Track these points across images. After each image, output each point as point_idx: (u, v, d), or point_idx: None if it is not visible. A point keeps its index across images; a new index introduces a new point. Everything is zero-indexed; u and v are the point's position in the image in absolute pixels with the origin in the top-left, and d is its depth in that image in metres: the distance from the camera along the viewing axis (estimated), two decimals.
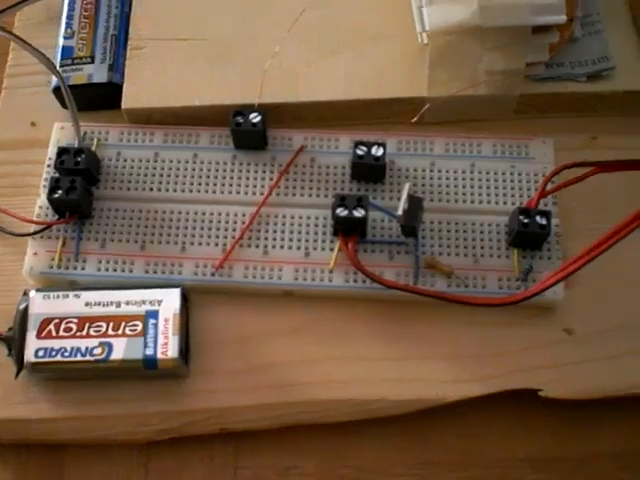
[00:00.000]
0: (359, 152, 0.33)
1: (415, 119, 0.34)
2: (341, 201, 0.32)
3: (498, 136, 0.35)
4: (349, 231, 0.33)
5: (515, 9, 0.32)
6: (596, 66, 0.36)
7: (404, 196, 0.31)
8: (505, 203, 0.34)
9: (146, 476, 0.33)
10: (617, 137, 0.36)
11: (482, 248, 0.33)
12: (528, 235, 0.32)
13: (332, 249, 0.33)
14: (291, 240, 0.34)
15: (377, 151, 0.33)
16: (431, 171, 0.35)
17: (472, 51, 0.33)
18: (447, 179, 0.35)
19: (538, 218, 0.32)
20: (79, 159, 0.34)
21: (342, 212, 0.32)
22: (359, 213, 0.32)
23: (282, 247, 0.33)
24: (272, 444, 0.33)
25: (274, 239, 0.34)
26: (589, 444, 0.33)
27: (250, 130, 0.34)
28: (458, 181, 0.34)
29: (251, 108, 0.34)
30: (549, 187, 0.33)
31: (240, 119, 0.34)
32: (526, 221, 0.32)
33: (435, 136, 0.35)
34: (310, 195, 0.34)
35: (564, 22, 0.32)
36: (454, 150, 0.35)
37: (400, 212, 0.31)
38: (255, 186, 0.35)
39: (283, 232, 0.34)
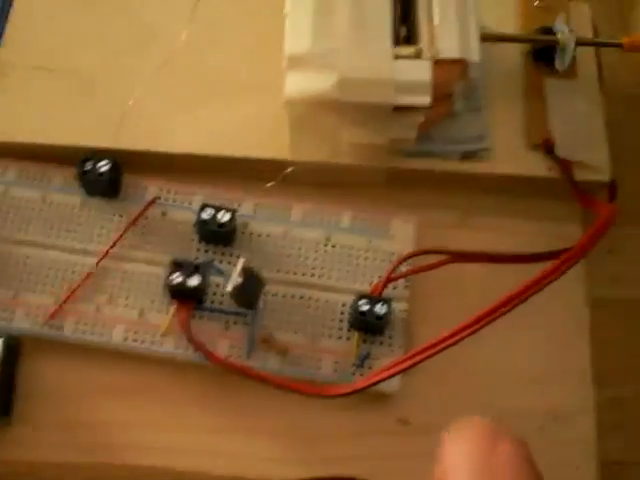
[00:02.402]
0: (204, 216, 0.32)
1: (271, 184, 0.33)
2: (176, 267, 0.31)
3: (360, 209, 0.34)
4: (184, 298, 0.31)
5: (377, 86, 0.30)
6: (471, 145, 0.34)
7: (236, 271, 0.30)
8: (355, 282, 0.33)
9: None
10: (489, 218, 0.35)
11: (323, 327, 0.32)
12: (366, 322, 0.31)
13: (168, 312, 0.32)
14: (127, 298, 0.32)
15: (223, 217, 0.32)
16: (284, 239, 0.33)
17: (332, 123, 0.32)
18: (300, 249, 0.33)
19: (378, 307, 0.31)
20: None
21: (176, 279, 0.31)
22: (194, 282, 0.31)
23: (117, 304, 0.32)
24: None
25: (111, 294, 0.32)
26: None
27: (97, 179, 0.32)
28: (310, 253, 0.33)
29: (105, 153, 0.33)
30: (404, 269, 0.32)
31: (88, 166, 0.33)
32: (364, 309, 0.31)
33: (294, 202, 0.34)
34: (155, 252, 0.33)
35: (427, 104, 0.31)
36: (312, 219, 0.34)
37: (229, 288, 0.30)
38: (100, 235, 0.33)
39: (121, 288, 0.32)
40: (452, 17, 0.32)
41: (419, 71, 0.31)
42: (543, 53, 0.35)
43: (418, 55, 0.31)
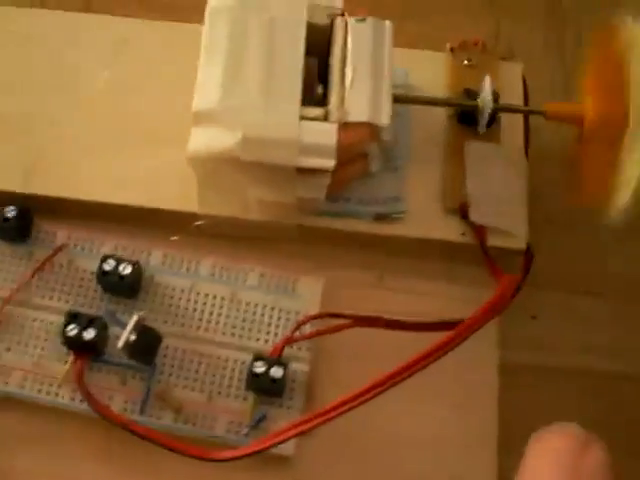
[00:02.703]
0: (106, 267, 0.32)
1: (175, 238, 0.33)
2: (72, 318, 0.31)
3: (271, 264, 0.33)
4: (80, 349, 0.31)
5: (280, 147, 0.30)
6: (385, 207, 0.34)
7: (128, 328, 0.30)
8: (258, 340, 0.32)
9: None
10: (404, 279, 0.34)
11: (220, 386, 0.32)
12: (262, 384, 0.31)
13: (67, 361, 0.32)
14: (26, 345, 0.32)
15: (125, 269, 0.32)
16: (189, 293, 0.33)
17: (237, 180, 0.31)
18: (204, 304, 0.33)
19: (274, 370, 0.30)
20: None
21: (71, 331, 0.31)
22: (89, 335, 0.31)
23: (16, 351, 0.32)
24: None
25: (10, 341, 0.32)
26: None
27: (2, 225, 0.32)
28: (215, 309, 0.33)
29: (15, 197, 0.33)
30: (307, 331, 0.32)
31: None
32: (259, 370, 0.30)
33: (204, 255, 0.33)
34: (59, 300, 0.33)
35: (331, 168, 0.30)
36: (219, 274, 0.33)
37: (120, 345, 0.29)
38: (6, 280, 0.33)
39: (21, 335, 0.32)
40: (364, 79, 0.31)
41: (324, 134, 0.30)
42: (466, 116, 0.35)
43: (326, 117, 0.31)
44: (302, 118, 0.30)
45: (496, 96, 0.34)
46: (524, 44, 0.42)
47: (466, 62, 0.36)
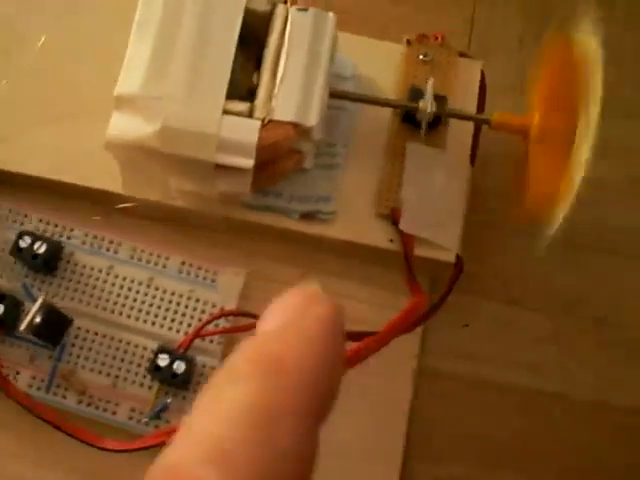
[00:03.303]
0: (22, 244, 0.31)
1: (97, 218, 0.32)
2: None
3: (194, 253, 0.33)
4: None
5: (198, 141, 0.29)
6: (314, 205, 0.33)
7: (33, 310, 0.29)
8: (170, 329, 0.32)
9: None
10: (328, 279, 0.34)
11: (128, 372, 0.31)
12: (164, 376, 0.30)
13: None
14: None
15: (40, 247, 0.31)
16: (108, 274, 0.33)
17: (156, 169, 0.30)
18: (121, 288, 0.32)
19: (177, 364, 0.30)
20: None
21: None
22: None
23: None
24: None
25: None
26: None
27: None
28: (131, 293, 0.32)
29: None
30: (220, 326, 0.32)
31: None
32: (162, 364, 0.30)
33: (123, 238, 0.33)
34: None
35: (250, 167, 0.29)
36: (139, 258, 0.33)
37: (22, 327, 0.29)
38: None
39: None
40: (296, 75, 0.30)
41: (246, 131, 0.29)
42: (411, 116, 0.33)
43: (251, 113, 0.29)
44: (226, 112, 0.29)
45: (442, 99, 0.33)
46: (499, 37, 0.41)
47: (422, 57, 0.35)
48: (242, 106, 0.30)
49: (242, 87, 0.30)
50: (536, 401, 0.35)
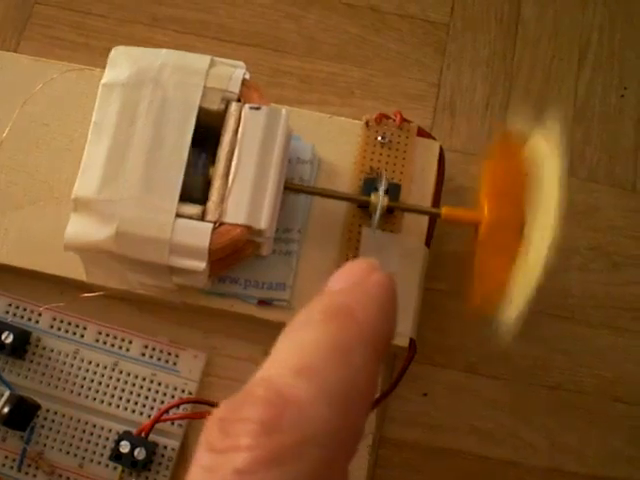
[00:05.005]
0: None
1: (60, 304, 0.34)
2: None
3: (152, 338, 0.34)
4: None
5: (152, 245, 0.30)
6: (269, 293, 0.34)
7: (1, 402, 0.31)
8: (134, 412, 0.33)
9: None
10: None
11: (94, 453, 0.33)
12: (126, 461, 0.32)
13: None
14: None
15: (7, 338, 0.33)
16: (74, 358, 0.34)
17: (115, 265, 0.32)
18: (87, 371, 0.34)
19: (137, 451, 0.32)
20: None
21: None
22: None
23: None
24: None
25: None
26: None
27: None
28: (96, 377, 0.34)
29: None
30: (180, 411, 0.33)
31: None
32: (124, 450, 0.32)
33: (89, 322, 0.34)
34: None
35: (202, 270, 0.30)
36: (104, 342, 0.34)
37: None
38: None
39: None
40: (247, 176, 0.31)
41: (198, 235, 0.30)
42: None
43: (203, 216, 0.30)
44: (178, 215, 0.30)
45: (396, 189, 0.33)
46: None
47: (380, 139, 0.35)
48: (194, 209, 0.30)
49: (197, 184, 0.31)
50: (492, 469, 0.37)
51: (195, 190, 0.31)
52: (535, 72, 0.42)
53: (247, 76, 0.33)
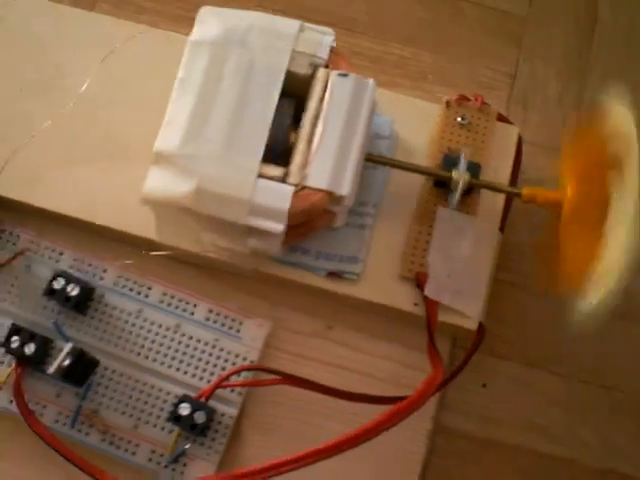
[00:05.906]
0: (55, 285, 0.32)
1: (129, 262, 0.33)
2: (16, 331, 0.32)
3: (222, 299, 0.34)
4: (22, 360, 0.32)
5: (231, 204, 0.30)
6: (340, 265, 0.33)
7: (61, 356, 0.31)
8: (194, 376, 0.33)
9: None
10: (352, 334, 0.34)
11: (150, 415, 0.32)
12: (184, 424, 0.31)
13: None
14: None
15: (72, 290, 0.32)
16: (137, 317, 0.33)
17: (190, 223, 0.31)
18: (148, 332, 0.33)
19: (197, 414, 0.31)
20: None
21: (14, 343, 0.32)
22: (30, 349, 0.32)
23: None
24: None
25: None
26: None
27: None
28: (158, 337, 0.33)
29: None
30: (240, 379, 0.32)
31: None
32: (184, 413, 0.31)
33: (155, 282, 0.34)
34: (10, 303, 0.33)
35: (280, 232, 0.30)
36: (168, 303, 0.34)
37: (51, 371, 0.30)
38: None
39: None
40: (332, 142, 0.30)
41: (279, 197, 0.30)
42: (442, 181, 0.33)
43: (285, 178, 0.30)
44: (260, 176, 0.30)
45: (476, 168, 0.33)
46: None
47: (459, 119, 0.35)
48: (277, 171, 0.30)
49: (279, 147, 0.31)
50: (546, 465, 0.36)
51: (277, 148, 0.31)
52: (609, 72, 0.42)
53: (334, 44, 0.32)
